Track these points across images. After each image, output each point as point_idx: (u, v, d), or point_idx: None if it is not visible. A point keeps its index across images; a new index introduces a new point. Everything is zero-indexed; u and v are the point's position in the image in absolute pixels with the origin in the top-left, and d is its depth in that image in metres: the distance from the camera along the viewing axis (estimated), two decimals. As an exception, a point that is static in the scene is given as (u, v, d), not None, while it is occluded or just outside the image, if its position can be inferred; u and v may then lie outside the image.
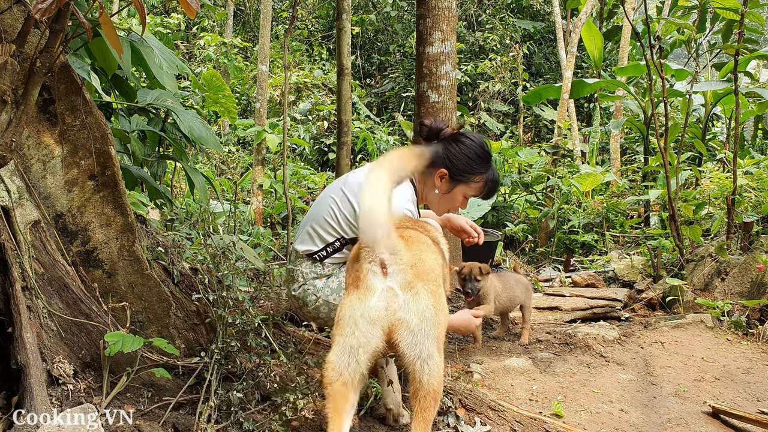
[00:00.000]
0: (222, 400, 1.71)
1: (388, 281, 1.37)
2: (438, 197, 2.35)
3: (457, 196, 2.32)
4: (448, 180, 2.30)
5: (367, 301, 1.36)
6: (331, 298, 2.35)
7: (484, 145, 2.32)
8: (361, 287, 1.38)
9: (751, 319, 3.21)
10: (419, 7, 3.60)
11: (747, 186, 4.81)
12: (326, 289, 2.35)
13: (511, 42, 11.76)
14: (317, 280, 2.37)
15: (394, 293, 1.37)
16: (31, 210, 1.72)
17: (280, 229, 6.16)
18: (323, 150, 9.80)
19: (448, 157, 2.30)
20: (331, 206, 2.34)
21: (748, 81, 8.53)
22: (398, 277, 1.38)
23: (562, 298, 3.72)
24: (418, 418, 1.38)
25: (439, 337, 1.43)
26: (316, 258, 2.37)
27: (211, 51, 10.47)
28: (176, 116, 3.11)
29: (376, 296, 1.37)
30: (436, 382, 1.39)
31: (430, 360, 1.38)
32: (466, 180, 2.30)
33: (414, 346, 1.37)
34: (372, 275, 1.38)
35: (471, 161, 2.28)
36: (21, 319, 1.59)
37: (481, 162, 2.29)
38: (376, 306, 1.36)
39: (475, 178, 2.29)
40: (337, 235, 2.33)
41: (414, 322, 1.37)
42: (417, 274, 1.40)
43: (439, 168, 2.29)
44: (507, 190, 6.76)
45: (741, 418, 2.13)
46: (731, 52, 3.95)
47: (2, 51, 1.47)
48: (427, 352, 1.38)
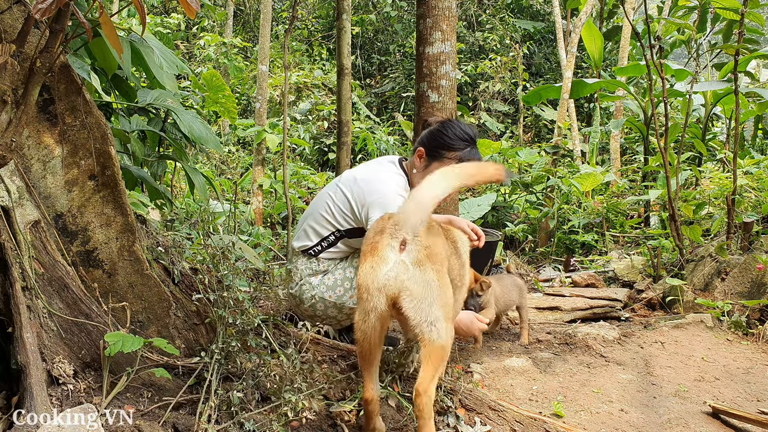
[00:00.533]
0: (222, 400, 1.71)
1: (402, 256, 1.56)
2: (418, 178, 2.39)
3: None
4: (425, 158, 2.37)
5: (379, 270, 1.55)
6: (327, 295, 2.37)
7: (465, 128, 2.37)
8: (376, 257, 1.57)
9: (751, 319, 3.21)
10: (419, 7, 3.60)
11: (747, 186, 4.81)
12: (321, 286, 2.38)
13: (511, 42, 11.76)
14: (313, 277, 2.40)
15: (405, 266, 1.56)
16: (31, 210, 1.72)
17: (280, 229, 6.16)
18: (323, 150, 9.80)
19: (429, 137, 2.39)
20: (326, 202, 2.41)
21: (748, 81, 8.53)
22: (413, 254, 1.56)
23: (562, 298, 3.72)
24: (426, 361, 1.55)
25: (446, 307, 1.59)
26: (311, 253, 2.43)
27: (211, 51, 10.46)
28: (176, 116, 3.11)
29: (388, 267, 1.55)
30: (444, 341, 1.55)
31: (437, 322, 1.55)
32: (439, 156, 2.34)
33: (419, 310, 1.54)
34: (390, 249, 1.57)
35: (445, 137, 2.34)
36: (21, 319, 1.59)
37: (456, 140, 2.33)
38: (386, 275, 1.55)
39: (449, 154, 2.33)
40: (332, 228, 2.39)
41: (417, 290, 1.54)
42: (428, 255, 1.58)
43: (419, 148, 2.39)
44: (507, 190, 6.76)
45: (741, 418, 2.13)
46: (731, 52, 3.95)
47: (2, 51, 1.47)
48: (433, 315, 1.55)
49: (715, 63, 8.13)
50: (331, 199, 2.39)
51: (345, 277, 2.39)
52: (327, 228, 2.39)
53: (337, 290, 2.38)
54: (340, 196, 2.37)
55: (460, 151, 2.33)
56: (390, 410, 1.89)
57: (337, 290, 2.38)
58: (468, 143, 2.35)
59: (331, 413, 1.83)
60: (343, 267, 2.41)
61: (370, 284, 1.56)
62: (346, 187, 2.36)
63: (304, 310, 2.45)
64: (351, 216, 2.35)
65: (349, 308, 2.40)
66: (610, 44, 10.52)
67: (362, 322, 1.61)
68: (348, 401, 1.90)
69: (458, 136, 2.34)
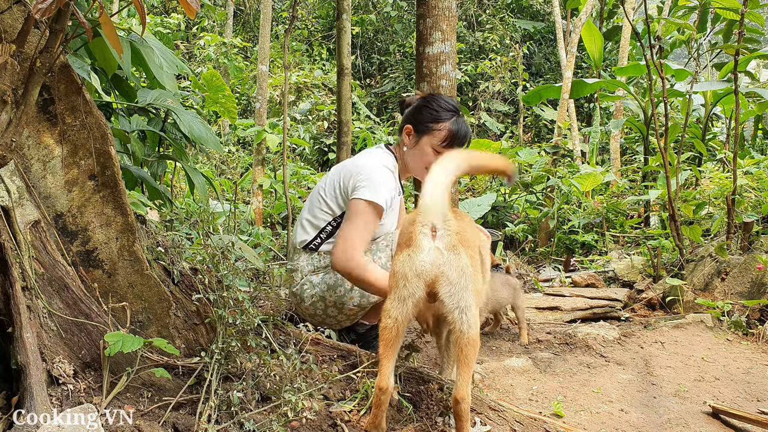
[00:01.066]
0: (222, 400, 1.71)
1: (436, 242, 1.61)
2: (410, 154, 2.42)
3: (425, 149, 2.37)
4: (414, 134, 2.38)
5: (417, 257, 1.61)
6: (327, 295, 2.38)
7: (448, 99, 2.39)
8: (413, 245, 1.63)
9: (751, 319, 3.21)
10: (419, 7, 3.60)
11: (747, 186, 4.81)
12: (323, 284, 2.39)
13: (511, 42, 11.77)
14: (314, 275, 2.41)
15: (440, 252, 1.61)
16: (31, 210, 1.72)
17: (280, 229, 6.16)
18: (323, 150, 9.80)
19: (413, 112, 2.41)
20: (318, 193, 2.46)
21: (748, 81, 8.53)
22: (445, 239, 1.61)
23: (562, 298, 3.72)
24: (462, 364, 1.61)
25: (477, 294, 1.64)
26: (311, 247, 2.45)
27: (211, 51, 10.46)
28: (176, 116, 3.11)
29: (424, 253, 1.61)
30: (474, 332, 1.61)
31: (468, 311, 1.60)
32: (428, 130, 2.35)
33: (453, 295, 1.59)
34: (423, 236, 1.62)
35: (431, 110, 2.35)
36: (21, 319, 1.59)
37: (442, 111, 2.35)
38: (423, 261, 1.60)
39: (437, 126, 2.34)
40: (328, 216, 2.42)
41: (453, 276, 1.59)
42: (460, 240, 1.63)
43: (405, 125, 2.40)
44: (507, 190, 6.76)
45: (741, 418, 2.12)
46: (731, 52, 3.95)
47: (2, 51, 1.47)
48: (465, 302, 1.60)
49: (715, 63, 8.13)
50: (322, 189, 2.44)
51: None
52: (323, 218, 2.42)
53: (338, 290, 2.38)
54: (330, 183, 2.41)
55: (447, 122, 2.33)
56: (390, 410, 1.89)
57: (338, 290, 2.38)
58: (454, 113, 2.36)
59: (331, 413, 1.83)
60: None
61: (408, 271, 1.61)
62: (334, 174, 2.41)
63: (304, 309, 2.45)
64: (342, 198, 2.38)
65: (348, 309, 2.40)
66: (610, 44, 10.52)
67: (395, 309, 1.64)
68: (348, 401, 1.90)
69: (443, 107, 2.35)
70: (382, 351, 1.66)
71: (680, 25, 4.66)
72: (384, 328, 1.66)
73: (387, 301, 1.67)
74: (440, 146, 2.34)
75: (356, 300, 2.39)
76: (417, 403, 1.91)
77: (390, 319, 1.64)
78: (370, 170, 2.30)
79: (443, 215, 1.62)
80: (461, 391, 1.60)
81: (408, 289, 1.61)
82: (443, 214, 1.62)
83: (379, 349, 1.68)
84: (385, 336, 1.66)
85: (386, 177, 2.32)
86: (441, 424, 1.82)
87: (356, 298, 2.39)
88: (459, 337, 1.60)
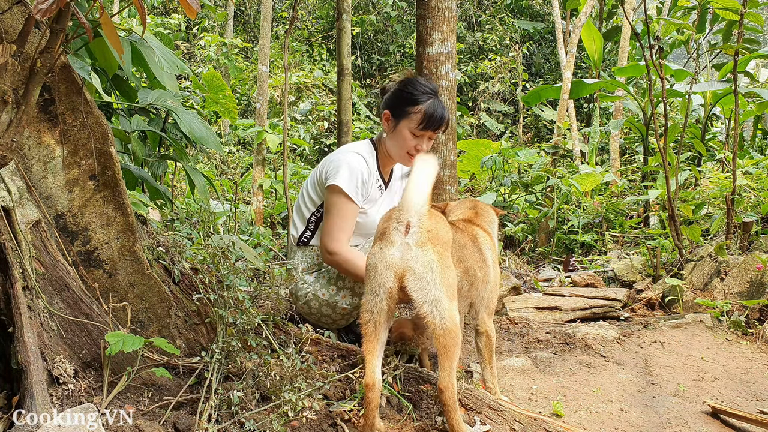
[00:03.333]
0: (222, 400, 1.71)
1: (407, 238, 1.67)
2: (389, 140, 2.43)
3: (403, 133, 2.37)
4: (392, 120, 2.39)
5: (387, 251, 1.68)
6: (320, 293, 2.42)
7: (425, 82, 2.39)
8: (385, 240, 1.70)
9: (750, 319, 3.21)
10: (419, 8, 3.60)
11: (746, 186, 4.81)
12: (316, 283, 2.43)
13: (510, 42, 11.77)
14: (308, 275, 2.45)
15: (409, 247, 1.67)
16: (31, 210, 1.73)
17: (281, 229, 6.16)
18: (323, 150, 9.80)
19: (390, 98, 2.42)
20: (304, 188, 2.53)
21: (747, 81, 8.53)
22: (416, 237, 1.68)
23: (561, 297, 3.72)
24: (441, 355, 1.64)
25: (447, 288, 1.67)
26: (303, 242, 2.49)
27: (212, 51, 10.46)
28: (177, 116, 3.11)
29: (394, 248, 1.67)
30: (450, 323, 1.63)
31: (439, 304, 1.64)
32: (405, 114, 2.36)
33: (421, 289, 1.64)
34: (396, 232, 1.69)
35: (407, 93, 2.35)
36: (22, 318, 1.59)
37: (418, 93, 2.34)
38: (393, 255, 1.67)
39: (414, 109, 2.34)
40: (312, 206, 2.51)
41: (420, 270, 1.64)
42: (430, 238, 1.69)
43: (384, 111, 2.42)
44: (507, 190, 6.77)
45: (740, 418, 2.13)
46: (731, 53, 3.95)
47: (3, 51, 1.47)
48: (433, 296, 1.64)
49: (715, 63, 8.13)
50: (307, 182, 2.52)
51: (338, 276, 2.42)
52: (307, 209, 2.49)
53: (330, 288, 2.42)
54: (312, 175, 2.49)
55: (423, 104, 2.32)
56: (390, 410, 1.89)
57: (330, 288, 2.42)
58: (431, 95, 2.35)
59: (331, 413, 1.83)
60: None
61: (378, 263, 1.67)
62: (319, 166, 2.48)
63: (300, 307, 2.49)
64: (320, 187, 2.44)
65: (341, 308, 2.42)
66: (609, 44, 10.52)
67: (369, 302, 1.69)
68: (348, 401, 1.90)
69: (419, 90, 2.34)
70: (365, 346, 1.69)
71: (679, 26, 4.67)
72: (363, 323, 1.71)
73: (363, 296, 1.73)
74: (417, 129, 2.33)
75: (348, 299, 2.42)
76: (417, 403, 1.92)
77: (366, 313, 1.69)
78: (339, 157, 2.36)
79: (418, 214, 1.68)
80: (444, 380, 1.64)
81: (377, 280, 1.66)
82: (419, 213, 1.68)
83: (362, 345, 1.70)
84: (365, 330, 1.70)
85: (354, 162, 2.33)
86: (441, 424, 1.83)
87: (348, 297, 2.42)
88: (434, 329, 1.64)
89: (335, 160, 2.36)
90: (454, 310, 1.68)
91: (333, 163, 2.35)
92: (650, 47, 3.79)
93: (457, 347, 1.67)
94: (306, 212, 2.49)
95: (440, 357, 1.65)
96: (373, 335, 1.69)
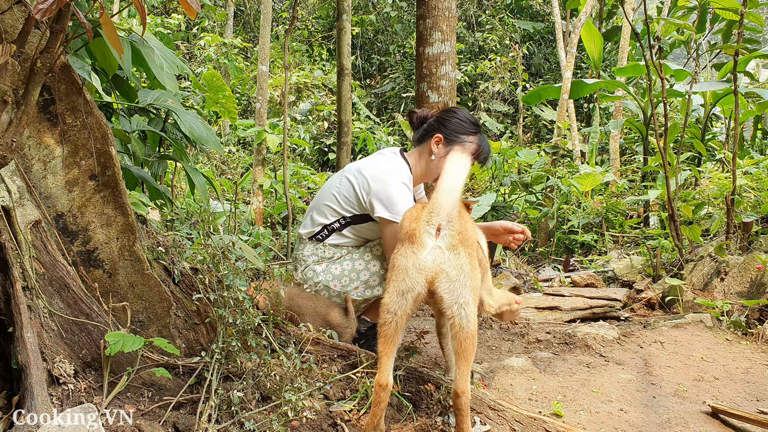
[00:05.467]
0: (222, 400, 1.71)
1: (438, 241, 1.67)
2: (435, 162, 2.46)
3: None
4: (443, 143, 2.44)
5: (419, 254, 1.66)
6: (332, 284, 2.42)
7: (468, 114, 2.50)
8: (416, 243, 1.68)
9: (750, 319, 3.22)
10: (419, 8, 3.60)
11: (746, 186, 4.81)
12: (327, 274, 2.44)
13: (510, 42, 11.77)
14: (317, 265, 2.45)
15: (442, 251, 1.67)
16: (31, 210, 1.73)
17: (281, 229, 6.16)
18: (323, 150, 9.81)
19: (441, 123, 2.47)
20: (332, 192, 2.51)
21: (747, 81, 8.53)
22: (447, 239, 1.68)
23: (561, 297, 3.72)
24: (460, 358, 1.65)
25: (474, 290, 1.69)
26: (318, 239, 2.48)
27: (212, 51, 10.46)
28: (177, 116, 3.11)
29: (426, 251, 1.66)
30: (473, 327, 1.65)
31: (467, 306, 1.65)
32: (461, 141, 2.43)
33: (452, 291, 1.65)
34: (427, 235, 1.68)
35: (463, 123, 2.44)
36: (21, 318, 1.59)
37: (472, 125, 2.45)
38: (425, 258, 1.66)
39: (469, 138, 2.43)
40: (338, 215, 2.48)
41: (453, 273, 1.65)
42: (461, 240, 1.70)
43: (435, 134, 2.45)
44: (507, 190, 6.77)
45: (740, 418, 2.13)
46: (731, 53, 3.96)
47: (3, 51, 1.47)
48: (463, 298, 1.65)
49: (715, 63, 8.13)
50: (337, 189, 2.46)
51: (353, 269, 2.43)
52: (332, 216, 2.47)
53: (343, 280, 2.42)
54: (346, 185, 2.44)
55: (476, 135, 2.45)
56: (390, 410, 1.89)
57: (342, 280, 2.42)
58: (479, 128, 2.49)
59: (332, 413, 1.83)
60: (351, 258, 2.45)
61: (410, 266, 1.65)
62: (351, 176, 2.43)
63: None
64: (356, 204, 2.41)
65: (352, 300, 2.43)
66: (609, 44, 10.52)
67: (393, 303, 1.66)
68: (348, 401, 1.90)
69: (471, 121, 2.47)
70: (381, 348, 1.67)
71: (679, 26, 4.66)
72: (383, 324, 1.67)
73: (385, 295, 1.70)
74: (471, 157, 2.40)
75: (360, 291, 2.42)
76: (417, 403, 1.92)
77: (389, 314, 1.67)
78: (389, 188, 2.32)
79: (449, 216, 1.67)
80: (461, 384, 1.64)
81: (407, 283, 1.65)
82: (450, 215, 1.67)
83: (378, 345, 1.69)
84: (384, 331, 1.67)
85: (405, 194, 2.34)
86: (441, 424, 1.83)
87: (361, 289, 2.43)
88: (458, 331, 1.64)
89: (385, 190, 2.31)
90: (476, 316, 1.68)
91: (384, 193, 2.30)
92: (650, 47, 3.79)
93: (474, 350, 1.67)
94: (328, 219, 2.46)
95: (459, 360, 1.65)
96: (392, 337, 1.67)
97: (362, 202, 2.37)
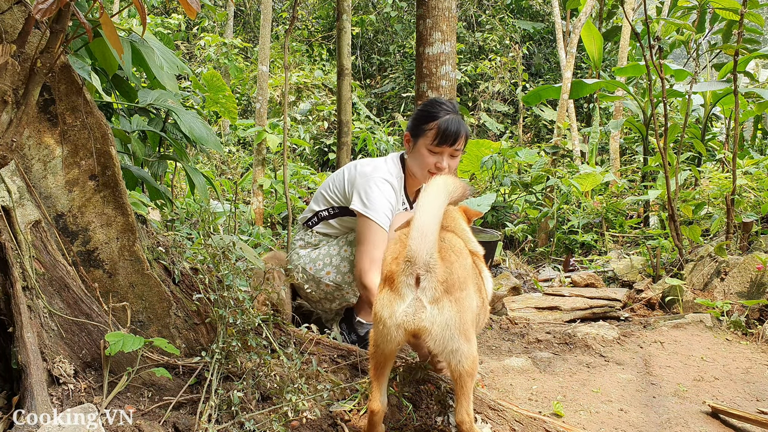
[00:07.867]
0: (222, 400, 1.71)
1: (418, 293, 1.52)
2: (411, 160, 2.51)
3: (421, 151, 2.44)
4: (411, 140, 2.48)
5: (396, 306, 1.53)
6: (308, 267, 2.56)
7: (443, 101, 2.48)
8: (394, 290, 1.54)
9: (750, 319, 3.22)
10: (419, 8, 3.60)
11: (746, 186, 4.81)
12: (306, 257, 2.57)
13: (510, 42, 11.77)
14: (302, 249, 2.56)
15: (422, 305, 1.52)
16: (31, 210, 1.73)
17: (281, 229, 6.16)
18: (323, 150, 9.81)
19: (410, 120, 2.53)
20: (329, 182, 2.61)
21: (747, 81, 8.53)
22: (428, 292, 1.52)
23: (561, 297, 3.72)
24: (459, 392, 1.59)
25: (467, 332, 1.56)
26: (309, 224, 2.65)
27: (212, 51, 10.46)
28: (177, 116, 3.11)
29: (405, 304, 1.52)
30: (468, 365, 1.55)
31: (457, 352, 1.54)
32: (422, 132, 2.43)
33: (439, 345, 1.53)
34: (406, 286, 1.53)
35: (424, 112, 2.44)
36: (22, 318, 1.59)
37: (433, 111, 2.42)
38: (405, 312, 1.52)
39: (428, 126, 2.41)
40: (327, 204, 2.59)
41: (437, 331, 1.52)
42: (446, 289, 1.53)
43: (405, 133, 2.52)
44: (507, 190, 6.77)
45: (740, 418, 2.13)
46: (731, 53, 3.96)
47: (3, 51, 1.47)
48: (451, 347, 1.53)
49: (715, 63, 8.13)
50: (332, 179, 2.58)
51: (327, 253, 2.53)
52: (323, 204, 2.59)
53: (317, 263, 2.50)
54: (340, 177, 2.54)
55: (438, 119, 2.36)
56: (390, 409, 1.89)
57: (317, 263, 2.50)
58: (447, 112, 2.38)
59: (332, 413, 1.83)
60: (329, 244, 2.56)
61: (387, 320, 1.53)
62: (347, 169, 2.53)
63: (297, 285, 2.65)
64: (342, 195, 2.51)
65: (325, 284, 2.52)
66: (609, 44, 10.53)
67: (377, 346, 1.60)
68: (348, 401, 1.90)
69: (435, 108, 2.41)
70: (372, 373, 1.65)
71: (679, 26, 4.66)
72: (372, 355, 1.63)
73: (373, 329, 1.62)
74: (433, 145, 2.38)
75: (332, 276, 2.51)
76: (417, 403, 1.92)
77: (376, 348, 1.61)
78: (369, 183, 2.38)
79: (427, 266, 1.50)
80: (461, 415, 1.60)
81: (385, 335, 1.55)
82: (427, 264, 1.50)
83: (369, 371, 1.67)
84: (373, 362, 1.63)
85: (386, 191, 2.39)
86: (441, 424, 1.83)
87: (332, 274, 2.51)
88: (453, 371, 1.56)
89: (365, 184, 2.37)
90: (473, 349, 1.57)
91: (363, 187, 2.37)
92: (650, 47, 3.79)
93: (473, 382, 1.59)
94: (320, 206, 2.59)
95: (457, 393, 1.59)
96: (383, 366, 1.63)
97: (347, 193, 2.46)
